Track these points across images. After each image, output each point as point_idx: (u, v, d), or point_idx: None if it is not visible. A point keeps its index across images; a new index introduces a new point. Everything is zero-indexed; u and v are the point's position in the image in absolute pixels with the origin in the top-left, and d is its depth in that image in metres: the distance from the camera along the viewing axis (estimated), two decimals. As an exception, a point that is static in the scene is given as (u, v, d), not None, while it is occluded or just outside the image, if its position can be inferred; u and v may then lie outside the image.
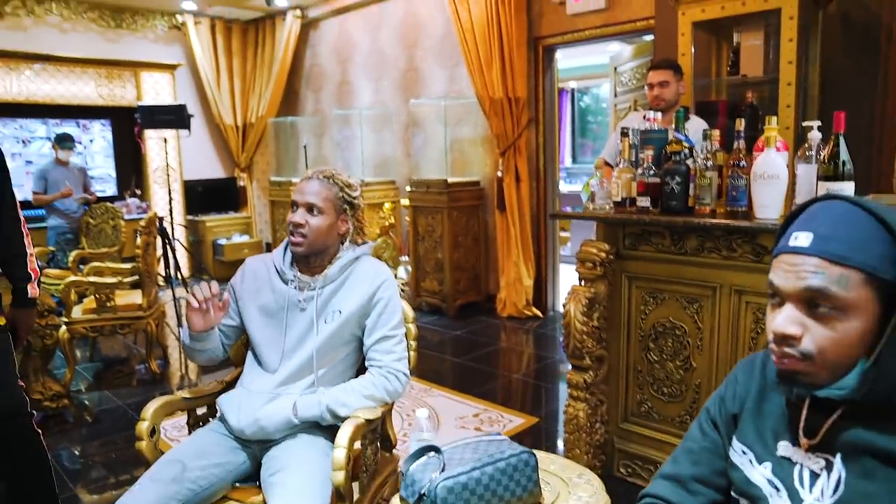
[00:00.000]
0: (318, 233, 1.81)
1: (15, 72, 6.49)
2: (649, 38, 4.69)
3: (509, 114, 5.28)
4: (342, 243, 1.91)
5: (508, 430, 3.31)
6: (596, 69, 8.64)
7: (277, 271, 1.89)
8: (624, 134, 2.54)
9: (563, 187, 7.91)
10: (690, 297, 2.41)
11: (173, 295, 5.73)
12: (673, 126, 2.43)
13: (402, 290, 2.10)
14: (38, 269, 2.37)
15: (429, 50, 6.19)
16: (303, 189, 1.84)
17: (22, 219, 2.31)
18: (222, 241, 7.54)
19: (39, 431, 2.23)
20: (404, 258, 6.23)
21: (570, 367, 2.66)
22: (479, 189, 5.80)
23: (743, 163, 2.17)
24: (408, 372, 1.87)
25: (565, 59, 7.28)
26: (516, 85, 5.24)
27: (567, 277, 5.95)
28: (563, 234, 7.30)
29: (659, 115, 2.66)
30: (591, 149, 10.05)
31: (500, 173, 5.39)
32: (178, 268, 5.37)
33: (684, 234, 2.38)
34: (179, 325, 5.23)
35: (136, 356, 4.98)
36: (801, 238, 0.89)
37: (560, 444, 3.12)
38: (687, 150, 2.36)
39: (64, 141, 5.78)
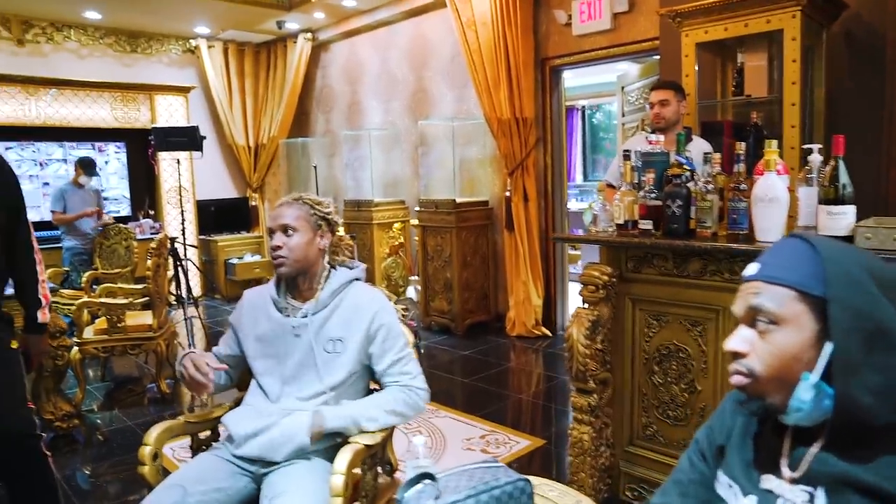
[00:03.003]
0: (297, 250, 1.85)
1: (34, 96, 6.63)
2: (657, 57, 4.72)
3: (517, 134, 5.31)
4: (328, 263, 1.94)
5: (515, 453, 3.29)
6: (606, 87, 8.67)
7: (273, 301, 1.93)
8: (626, 157, 2.56)
9: (574, 205, 7.93)
10: (694, 319, 2.41)
11: (185, 315, 5.78)
12: (674, 148, 2.44)
13: (405, 314, 2.10)
14: (48, 295, 2.41)
15: (437, 71, 6.25)
16: (276, 215, 1.89)
17: (35, 246, 2.36)
18: (234, 261, 7.60)
19: (49, 454, 2.27)
20: (414, 278, 6.24)
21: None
22: (488, 209, 5.82)
23: (743, 185, 2.17)
24: (426, 388, 1.90)
25: (575, 77, 7.33)
26: (524, 105, 5.27)
27: (577, 296, 5.94)
28: (573, 252, 7.30)
29: (662, 137, 2.66)
30: (602, 165, 10.05)
31: (508, 193, 5.41)
32: (189, 289, 5.42)
33: (686, 256, 2.38)
34: (190, 346, 5.27)
35: (148, 376, 5.02)
36: (750, 268, 1.04)
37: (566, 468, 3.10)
38: (688, 173, 2.37)
39: (89, 167, 5.86)
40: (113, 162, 7.45)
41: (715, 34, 3.19)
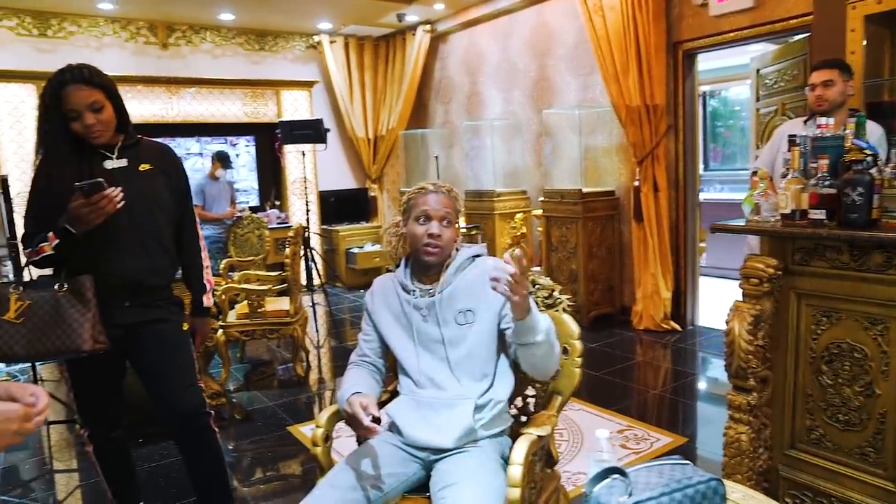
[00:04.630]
0: (449, 242, 1.89)
1: (175, 95, 7.09)
2: (800, 36, 4.41)
3: (647, 122, 5.13)
4: (455, 250, 1.95)
5: (656, 450, 3.19)
6: (728, 71, 8.23)
7: (401, 284, 1.95)
8: (794, 143, 2.39)
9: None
10: (874, 317, 2.22)
11: (312, 301, 6.01)
12: (847, 131, 2.26)
13: (571, 304, 2.06)
14: (212, 280, 2.55)
15: (561, 59, 6.13)
16: (433, 202, 1.89)
17: (200, 233, 2.50)
18: (355, 250, 7.82)
19: (216, 430, 2.40)
20: (536, 269, 6.19)
21: (717, 386, 2.52)
22: (614, 199, 5.67)
23: (938, 171, 1.97)
24: None
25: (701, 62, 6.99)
26: (654, 92, 5.08)
27: (706, 290, 5.69)
28: (699, 245, 6.99)
29: (831, 120, 2.47)
30: (721, 155, 9.55)
31: (637, 183, 5.24)
32: (320, 276, 5.62)
33: (867, 249, 2.19)
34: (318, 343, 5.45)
35: (278, 359, 5.26)
36: None
37: (714, 468, 2.97)
38: (870, 159, 2.18)
39: (225, 160, 6.23)
40: (243, 155, 7.85)
41: (890, 3, 2.92)
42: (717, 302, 5.71)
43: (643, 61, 5.05)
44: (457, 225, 1.94)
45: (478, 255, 1.96)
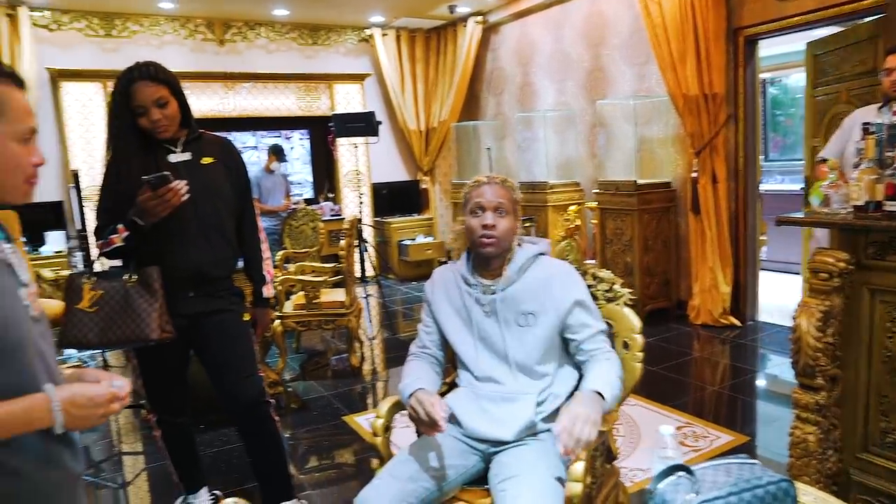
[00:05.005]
0: (506, 233, 1.85)
1: (232, 90, 7.24)
2: (869, 19, 4.21)
3: (705, 111, 4.99)
4: (515, 243, 1.92)
5: (716, 448, 3.12)
6: (790, 57, 7.91)
7: (462, 277, 1.94)
8: (868, 131, 2.29)
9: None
10: (954, 314, 2.11)
11: (365, 293, 6.07)
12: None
13: (632, 299, 2.03)
14: (272, 272, 2.60)
15: (615, 48, 6.02)
16: (486, 193, 1.87)
17: (260, 226, 2.55)
18: (407, 242, 7.86)
19: (276, 418, 2.45)
20: (589, 261, 6.11)
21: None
22: (671, 191, 5.54)
23: None
24: None
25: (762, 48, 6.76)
26: (713, 80, 4.94)
27: (766, 284, 5.52)
28: (760, 237, 6.79)
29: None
30: (780, 145, 9.22)
31: (694, 174, 5.11)
32: (373, 268, 5.67)
33: (949, 242, 2.09)
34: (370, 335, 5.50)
35: (332, 349, 5.34)
36: None
37: (777, 470, 2.88)
38: (952, 147, 2.07)
39: (280, 153, 6.36)
40: (297, 148, 7.98)
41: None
42: (778, 297, 5.54)
43: (701, 49, 4.90)
44: (515, 215, 1.90)
45: (541, 254, 1.93)
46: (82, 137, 6.43)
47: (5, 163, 1.14)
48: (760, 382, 4.09)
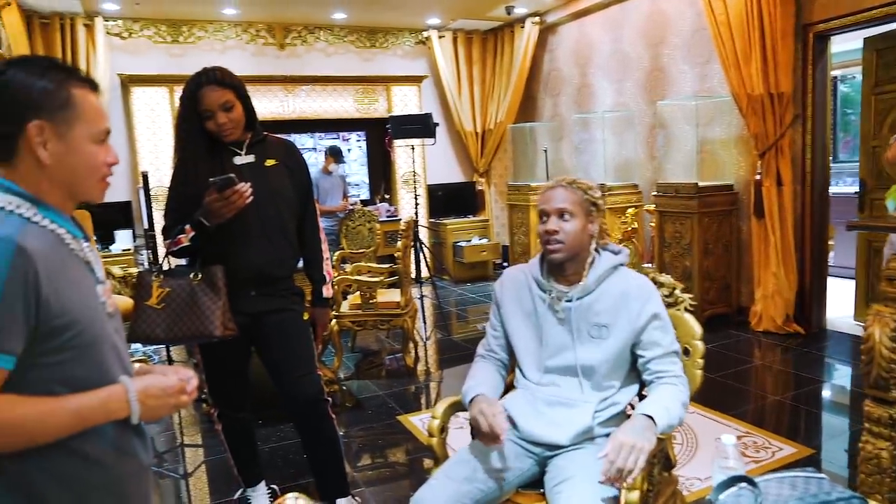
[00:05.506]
0: (572, 236, 1.81)
1: (291, 93, 7.41)
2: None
3: (770, 111, 4.83)
4: (593, 247, 1.87)
5: (778, 460, 3.02)
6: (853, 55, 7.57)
7: (535, 281, 1.91)
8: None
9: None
10: None
11: (420, 294, 6.12)
12: None
13: (691, 305, 1.99)
14: (331, 272, 2.65)
15: (676, 47, 5.90)
16: (550, 198, 1.85)
17: (320, 226, 2.60)
18: (462, 244, 7.88)
19: (334, 416, 2.50)
20: (647, 265, 6.01)
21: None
22: (733, 193, 5.39)
23: None
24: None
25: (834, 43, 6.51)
26: (780, 79, 4.77)
27: (834, 291, 5.31)
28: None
29: None
30: (850, 146, 8.83)
31: (758, 176, 4.95)
32: (428, 269, 5.71)
33: None
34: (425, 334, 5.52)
35: (386, 349, 5.39)
36: None
37: (846, 486, 2.77)
38: None
39: (338, 155, 6.47)
40: (354, 150, 8.09)
41: None
42: (846, 304, 5.32)
43: (768, 46, 4.75)
44: (587, 217, 1.84)
45: (620, 265, 1.89)
46: (150, 140, 6.69)
47: (84, 162, 1.20)
48: (826, 393, 3.93)
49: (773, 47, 4.74)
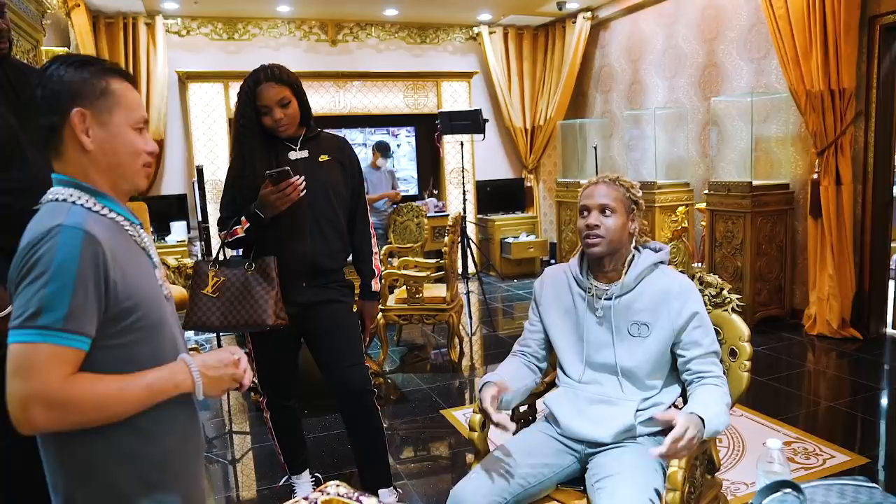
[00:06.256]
0: (613, 232, 1.81)
1: (343, 89, 7.51)
2: None
3: (830, 108, 4.68)
4: (633, 245, 1.87)
5: (829, 468, 2.94)
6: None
7: (574, 279, 1.91)
8: None
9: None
10: None
11: (467, 289, 6.14)
12: None
13: (740, 305, 1.96)
14: (380, 266, 2.69)
15: (732, 42, 5.76)
16: (592, 193, 1.85)
17: (370, 221, 2.65)
18: (510, 240, 7.87)
19: (379, 408, 2.54)
20: (697, 265, 5.90)
21: None
22: (788, 193, 5.24)
23: None
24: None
25: None
26: (842, 74, 4.62)
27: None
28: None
29: None
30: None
31: (816, 175, 4.81)
32: (475, 265, 5.72)
33: None
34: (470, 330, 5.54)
35: (431, 343, 5.43)
36: None
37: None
38: None
39: (386, 150, 6.54)
40: (404, 145, 8.15)
41: None
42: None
43: (829, 41, 4.59)
44: (629, 214, 1.84)
45: (661, 262, 1.88)
46: (205, 135, 6.88)
47: (125, 147, 1.26)
48: (884, 401, 3.80)
49: (836, 41, 4.58)
